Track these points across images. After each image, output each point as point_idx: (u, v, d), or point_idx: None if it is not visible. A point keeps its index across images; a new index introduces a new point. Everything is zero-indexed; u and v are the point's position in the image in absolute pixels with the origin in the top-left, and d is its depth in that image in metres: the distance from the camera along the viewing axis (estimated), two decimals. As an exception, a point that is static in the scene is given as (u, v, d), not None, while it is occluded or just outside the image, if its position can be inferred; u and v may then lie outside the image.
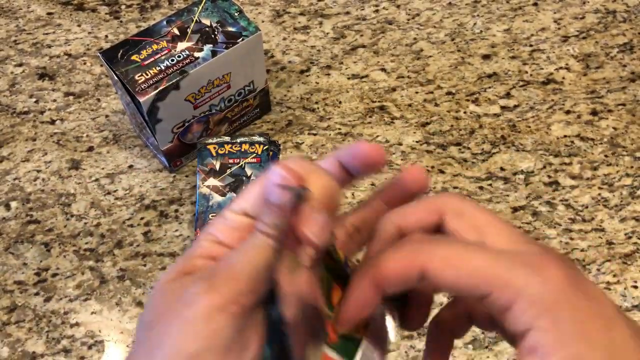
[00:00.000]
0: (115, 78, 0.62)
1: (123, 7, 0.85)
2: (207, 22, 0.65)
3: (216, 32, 0.64)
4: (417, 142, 0.72)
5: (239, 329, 0.22)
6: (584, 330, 0.22)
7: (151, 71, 0.61)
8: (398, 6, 0.84)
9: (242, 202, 0.26)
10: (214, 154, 0.63)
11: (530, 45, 0.80)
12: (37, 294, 0.62)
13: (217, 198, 0.61)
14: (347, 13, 0.84)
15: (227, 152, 0.64)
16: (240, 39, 0.64)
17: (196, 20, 0.65)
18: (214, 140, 0.64)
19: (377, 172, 0.28)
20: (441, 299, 0.58)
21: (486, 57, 0.79)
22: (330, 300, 0.26)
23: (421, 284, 0.24)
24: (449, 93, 0.76)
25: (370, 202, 0.30)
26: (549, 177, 0.69)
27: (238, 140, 0.64)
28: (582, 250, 0.63)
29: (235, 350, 0.22)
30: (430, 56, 0.79)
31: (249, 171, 0.62)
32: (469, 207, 0.26)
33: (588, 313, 0.22)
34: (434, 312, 0.30)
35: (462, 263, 0.23)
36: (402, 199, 0.29)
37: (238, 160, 0.63)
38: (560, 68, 0.78)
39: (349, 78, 0.77)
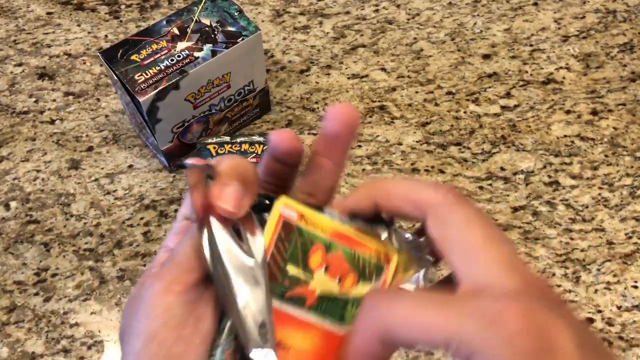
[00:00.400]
0: (115, 78, 0.62)
1: (123, 6, 0.85)
2: (206, 21, 0.65)
3: (216, 32, 0.64)
4: (417, 142, 0.72)
5: (189, 303, 0.25)
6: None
7: (151, 71, 0.61)
8: (398, 6, 0.84)
9: (183, 209, 0.29)
10: (214, 154, 0.63)
11: (531, 45, 0.80)
12: (36, 294, 0.62)
13: (216, 198, 0.61)
14: (347, 13, 0.84)
15: (226, 152, 0.63)
16: (240, 39, 0.64)
17: (196, 20, 0.65)
18: (214, 140, 0.64)
19: (297, 158, 0.29)
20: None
21: (486, 56, 0.79)
22: (307, 264, 0.27)
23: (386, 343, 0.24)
24: (449, 93, 0.76)
25: (312, 162, 0.30)
26: (549, 177, 0.69)
27: (238, 140, 0.64)
28: (582, 250, 0.63)
29: (190, 322, 0.25)
30: (431, 56, 0.79)
31: (248, 171, 0.62)
32: (459, 218, 0.25)
33: None
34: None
35: (421, 321, 0.23)
36: (337, 148, 0.29)
37: (238, 160, 0.63)
38: (561, 68, 0.78)
39: (349, 78, 0.77)
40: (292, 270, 0.27)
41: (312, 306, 0.27)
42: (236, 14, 0.65)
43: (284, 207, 0.26)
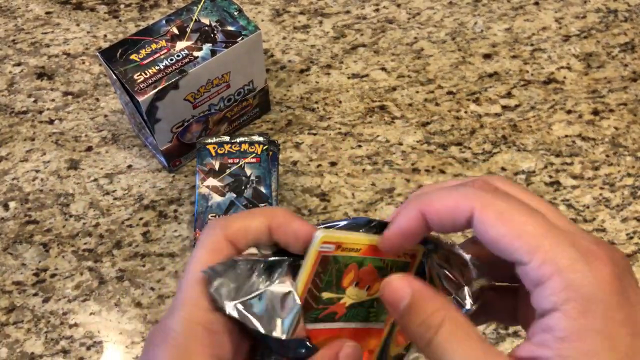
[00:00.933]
0: (114, 77, 0.61)
1: (122, 6, 0.85)
2: (206, 21, 0.64)
3: (215, 32, 0.64)
4: (417, 141, 0.71)
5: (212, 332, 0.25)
6: (609, 331, 0.21)
7: (150, 70, 0.61)
8: (398, 5, 0.84)
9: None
10: (213, 154, 0.63)
11: (532, 45, 0.80)
12: (35, 294, 0.62)
13: (216, 198, 0.61)
14: (347, 12, 0.83)
15: (226, 151, 0.63)
16: (240, 38, 0.64)
17: (195, 19, 0.65)
18: (213, 140, 0.64)
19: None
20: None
21: (487, 56, 0.79)
22: (341, 285, 0.27)
23: (466, 229, 0.24)
24: (449, 92, 0.75)
25: None
26: (550, 177, 0.69)
27: (237, 140, 0.64)
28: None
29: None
30: (431, 55, 0.79)
31: (248, 171, 0.62)
32: (509, 207, 0.24)
33: (620, 316, 0.21)
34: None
35: (514, 222, 0.22)
36: None
37: (237, 160, 0.63)
38: (562, 67, 0.78)
39: (349, 77, 0.77)
40: (327, 295, 0.27)
41: (341, 316, 0.28)
42: (236, 13, 0.65)
43: (323, 245, 0.26)
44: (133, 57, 0.62)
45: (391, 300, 0.25)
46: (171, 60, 0.62)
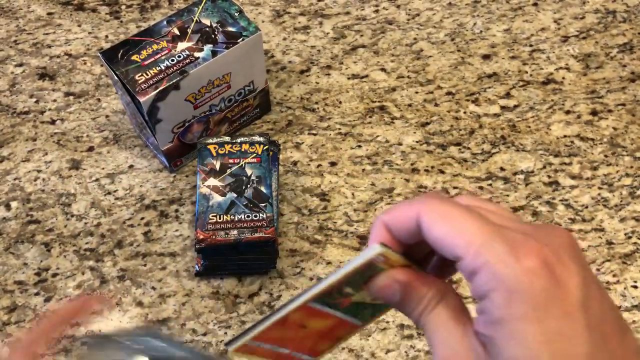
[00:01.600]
0: (116, 78, 0.62)
1: (123, 7, 0.85)
2: (207, 22, 0.65)
3: (216, 32, 0.64)
4: (417, 142, 0.72)
5: None
6: (534, 316, 0.23)
7: (151, 71, 0.61)
8: (398, 6, 0.84)
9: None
10: (214, 154, 0.63)
11: (530, 45, 0.80)
12: (37, 294, 0.62)
13: (217, 198, 0.61)
14: (347, 13, 0.84)
15: (227, 152, 0.64)
16: (241, 39, 0.64)
17: (196, 20, 0.65)
18: (214, 140, 0.64)
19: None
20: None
21: (486, 57, 0.79)
22: (361, 287, 0.29)
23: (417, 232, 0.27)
24: (448, 93, 0.76)
25: None
26: (549, 177, 0.69)
27: (238, 140, 0.64)
28: (583, 250, 0.63)
29: None
30: (430, 56, 0.79)
31: (249, 171, 0.63)
32: (449, 209, 0.26)
33: (547, 301, 0.23)
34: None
35: (454, 222, 0.25)
36: None
37: (238, 160, 0.63)
38: (560, 68, 0.78)
39: (349, 78, 0.77)
40: (347, 289, 0.29)
41: (343, 307, 0.30)
42: (236, 14, 0.66)
43: (379, 256, 0.27)
44: (134, 57, 0.62)
45: (386, 299, 0.28)
46: (172, 60, 0.62)
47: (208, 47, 0.63)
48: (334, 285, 0.27)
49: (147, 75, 0.61)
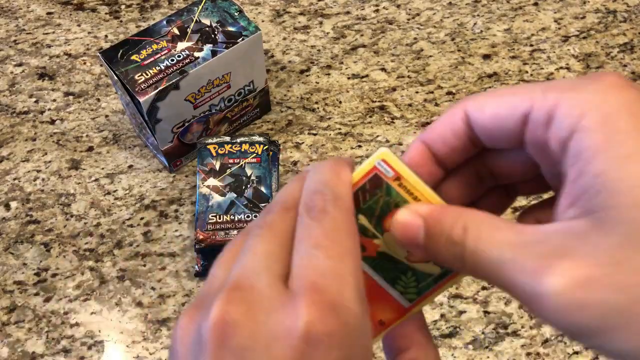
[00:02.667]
0: (115, 78, 0.62)
1: (123, 6, 0.85)
2: (207, 22, 0.65)
3: (216, 32, 0.64)
4: (417, 142, 0.72)
5: None
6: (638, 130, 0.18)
7: (151, 71, 0.61)
8: (398, 6, 0.84)
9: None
10: (214, 154, 0.63)
11: (531, 45, 0.80)
12: (36, 294, 0.62)
13: (217, 198, 0.61)
14: (347, 13, 0.84)
15: (227, 152, 0.63)
16: (240, 39, 0.64)
17: (196, 20, 0.65)
18: (214, 140, 0.64)
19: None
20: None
21: (486, 57, 0.79)
22: (382, 222, 0.25)
23: (467, 134, 0.23)
24: (449, 93, 0.76)
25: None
26: (550, 177, 0.69)
27: (238, 140, 0.64)
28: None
29: None
30: (431, 56, 0.79)
31: (249, 171, 0.62)
32: (494, 90, 0.23)
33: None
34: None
35: (502, 96, 0.22)
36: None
37: (238, 160, 0.63)
38: (561, 68, 0.78)
39: (349, 78, 0.77)
40: (363, 220, 0.25)
41: (368, 257, 0.26)
42: (236, 14, 0.65)
43: (381, 162, 0.25)
44: (134, 57, 0.62)
45: (408, 239, 0.24)
46: (172, 60, 0.62)
47: (208, 47, 0.63)
48: None
49: (147, 75, 0.61)
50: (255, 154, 0.63)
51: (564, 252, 0.19)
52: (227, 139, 0.64)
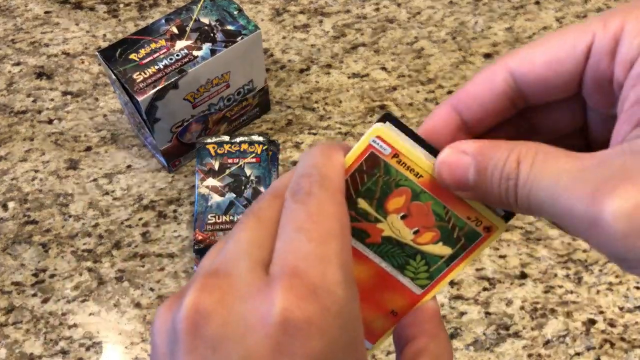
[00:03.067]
0: (114, 77, 0.61)
1: (121, 5, 0.85)
2: (206, 20, 0.64)
3: (215, 31, 0.64)
4: (417, 141, 0.71)
5: None
6: None
7: (149, 70, 0.60)
8: (399, 5, 0.84)
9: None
10: (213, 154, 0.63)
11: (532, 44, 0.80)
12: (34, 295, 0.61)
13: (216, 198, 0.60)
14: (348, 11, 0.83)
15: (226, 151, 0.63)
16: (240, 38, 0.63)
17: (195, 18, 0.64)
18: (213, 140, 0.64)
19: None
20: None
21: (488, 56, 0.79)
22: (383, 204, 0.24)
23: (508, 93, 0.21)
24: (450, 92, 0.75)
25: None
26: (551, 177, 0.68)
27: (237, 140, 0.64)
28: (584, 250, 0.63)
29: None
30: (432, 55, 0.79)
31: (248, 171, 0.62)
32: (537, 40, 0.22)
33: None
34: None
35: (551, 40, 0.21)
36: None
37: (237, 160, 0.63)
38: (562, 67, 0.77)
39: (349, 77, 0.77)
40: (363, 204, 0.24)
41: (373, 244, 0.25)
42: (235, 12, 0.65)
43: (376, 139, 0.23)
44: (132, 56, 0.61)
45: (455, 181, 0.22)
46: (171, 59, 0.61)
47: (207, 46, 0.62)
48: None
49: (145, 74, 0.60)
50: (254, 154, 0.63)
51: (627, 174, 0.17)
52: (227, 138, 0.64)
